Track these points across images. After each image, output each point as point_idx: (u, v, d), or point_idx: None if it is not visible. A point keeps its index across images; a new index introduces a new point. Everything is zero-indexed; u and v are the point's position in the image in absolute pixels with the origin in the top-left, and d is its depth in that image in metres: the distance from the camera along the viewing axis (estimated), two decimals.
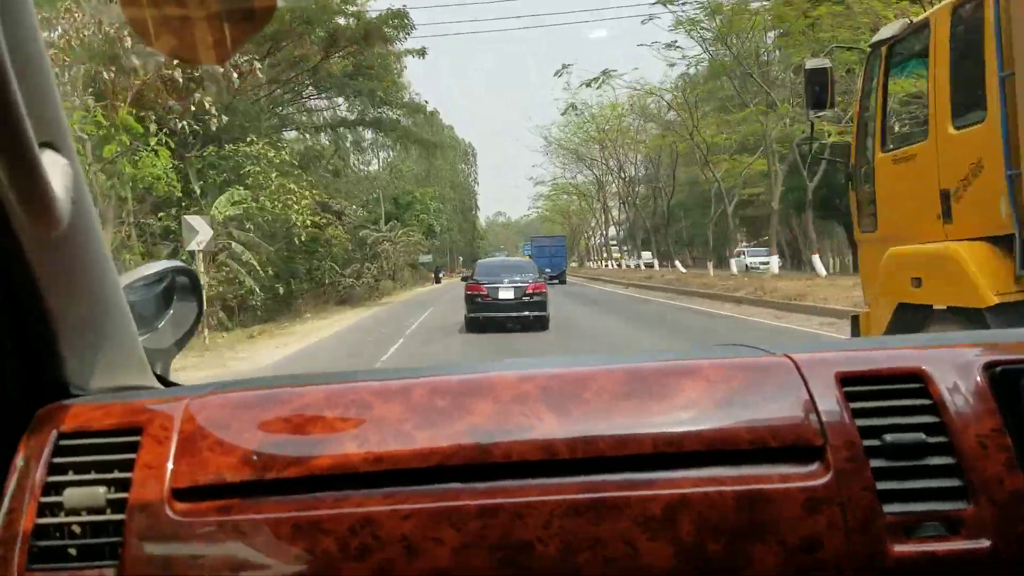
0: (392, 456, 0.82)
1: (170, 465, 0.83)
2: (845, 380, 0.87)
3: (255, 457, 0.83)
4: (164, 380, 1.21)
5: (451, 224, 72.68)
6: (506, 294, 14.45)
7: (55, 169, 0.75)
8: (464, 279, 16.45)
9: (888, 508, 0.80)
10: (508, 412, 0.85)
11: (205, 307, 2.80)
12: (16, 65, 0.62)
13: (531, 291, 14.42)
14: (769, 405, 0.85)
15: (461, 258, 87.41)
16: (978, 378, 0.86)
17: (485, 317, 14.45)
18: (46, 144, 0.76)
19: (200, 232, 13.79)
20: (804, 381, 0.87)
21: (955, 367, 0.87)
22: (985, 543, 0.79)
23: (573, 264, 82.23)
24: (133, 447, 0.85)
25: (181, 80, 13.40)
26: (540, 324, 14.44)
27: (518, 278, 14.74)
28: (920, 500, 0.81)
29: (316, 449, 0.83)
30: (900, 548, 0.79)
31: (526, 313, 14.34)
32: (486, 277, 14.94)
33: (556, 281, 41.18)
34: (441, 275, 56.20)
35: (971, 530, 0.79)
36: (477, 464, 0.82)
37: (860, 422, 0.84)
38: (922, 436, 0.83)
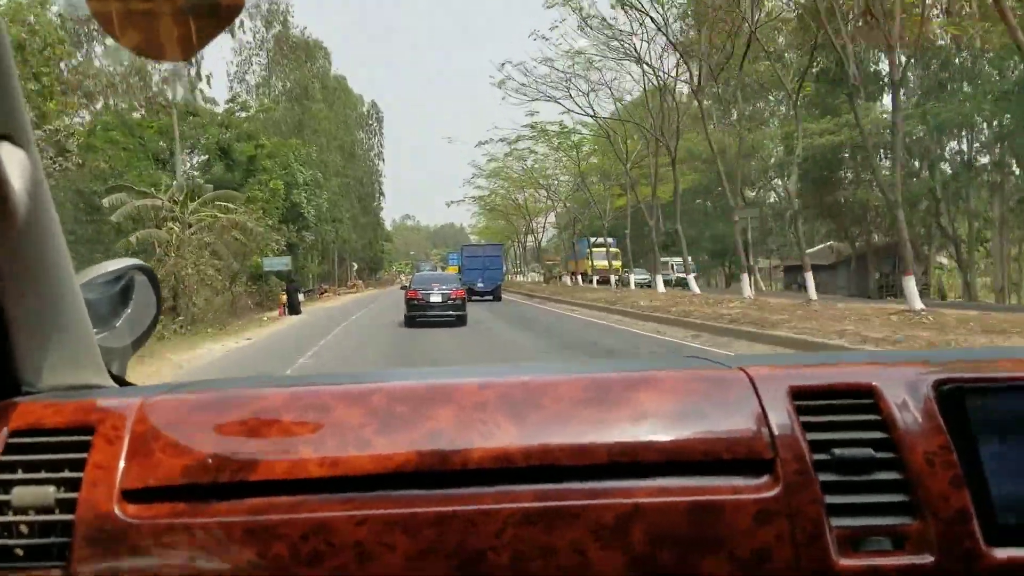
0: (349, 461, 0.81)
1: (121, 466, 0.82)
2: (797, 394, 0.88)
3: (209, 460, 0.82)
4: (120, 380, 1.19)
5: (339, 213, 48.13)
6: (436, 298, 20.39)
7: (12, 162, 0.75)
8: (403, 288, 24.39)
9: (836, 522, 0.81)
10: (468, 419, 0.85)
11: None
12: None
13: (454, 296, 20.54)
14: (723, 417, 0.86)
15: (356, 265, 63.56)
16: (927, 396, 0.87)
17: (420, 315, 20.23)
18: (3, 137, 0.76)
19: None
20: (757, 394, 0.87)
21: (905, 384, 0.88)
22: (929, 559, 0.80)
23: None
24: (84, 447, 0.84)
25: None
26: (460, 321, 20.23)
27: (445, 287, 20.89)
28: (867, 514, 0.82)
29: (272, 453, 0.82)
30: (846, 562, 0.80)
31: (450, 313, 20.26)
32: (421, 286, 21.02)
33: (490, 298, 35.99)
34: (302, 297, 30.49)
35: (916, 545, 0.81)
36: (434, 471, 0.82)
37: (811, 436, 0.85)
38: (871, 451, 0.84)
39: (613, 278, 39.96)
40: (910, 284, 15.37)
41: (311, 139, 45.17)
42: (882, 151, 33.27)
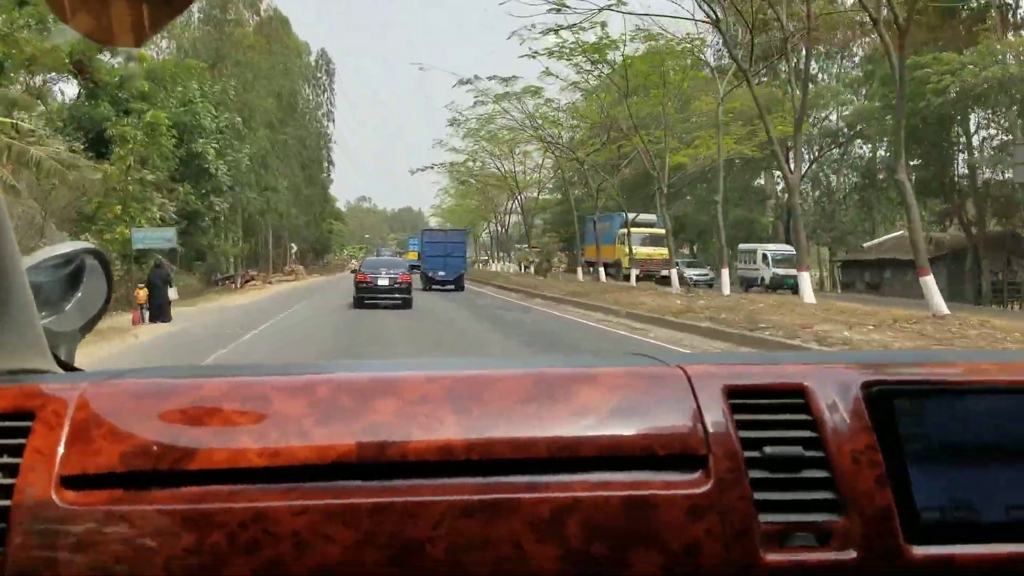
0: (290, 452, 0.82)
1: (61, 452, 0.82)
2: (732, 393, 0.90)
3: (149, 447, 0.82)
4: (67, 365, 1.18)
5: (272, 179, 37.01)
6: (383, 282, 22.20)
7: None
8: (353, 271, 28.55)
9: (764, 518, 0.83)
10: (411, 412, 0.85)
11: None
12: None
13: (400, 281, 22.28)
14: (660, 413, 0.88)
15: (295, 247, 52.65)
16: (856, 396, 0.90)
17: (368, 297, 21.87)
18: None
19: None
20: (694, 392, 0.89)
21: (835, 385, 0.91)
22: (852, 554, 0.83)
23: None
24: (24, 432, 0.83)
25: None
26: (405, 304, 21.97)
27: (392, 272, 22.60)
28: (794, 511, 0.84)
29: (212, 442, 0.82)
30: (772, 557, 0.82)
31: (396, 295, 22.09)
32: (370, 270, 22.84)
33: (451, 287, 33.11)
34: (173, 293, 18.14)
35: (840, 541, 0.83)
36: (375, 463, 0.82)
37: (743, 434, 0.87)
38: (800, 450, 0.86)
39: (673, 273, 27.64)
40: None
41: (233, 73, 34.07)
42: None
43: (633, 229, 35.03)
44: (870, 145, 34.87)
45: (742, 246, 34.40)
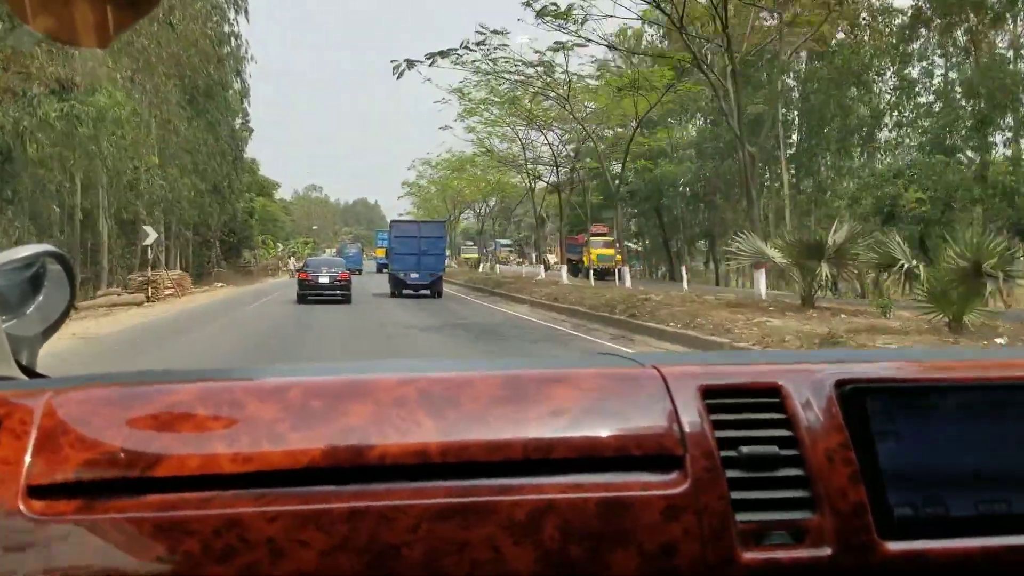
0: (263, 457, 0.81)
1: (28, 461, 0.80)
2: (707, 392, 0.90)
3: (119, 455, 0.80)
4: (29, 370, 1.16)
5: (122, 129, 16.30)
6: (324, 280, 24.00)
7: None
8: (298, 270, 28.46)
9: (740, 516, 0.84)
10: (385, 415, 0.85)
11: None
12: None
13: (340, 279, 24.22)
14: (635, 414, 0.88)
15: (149, 236, 31.15)
16: (829, 395, 0.90)
17: (310, 293, 23.73)
18: None
19: None
20: (669, 392, 0.89)
21: (809, 383, 0.92)
22: (827, 551, 0.84)
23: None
24: None
25: None
26: (345, 299, 23.89)
27: (332, 270, 24.48)
28: (770, 509, 0.85)
29: (184, 448, 0.81)
30: (749, 555, 0.82)
31: (337, 292, 23.96)
32: (311, 269, 24.76)
33: (427, 292, 28.41)
34: None
35: (814, 539, 0.84)
36: (350, 467, 0.82)
37: (719, 433, 0.87)
38: (775, 449, 0.87)
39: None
40: None
41: None
42: None
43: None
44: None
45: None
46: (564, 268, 33.39)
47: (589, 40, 24.28)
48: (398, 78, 24.47)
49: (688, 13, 20.23)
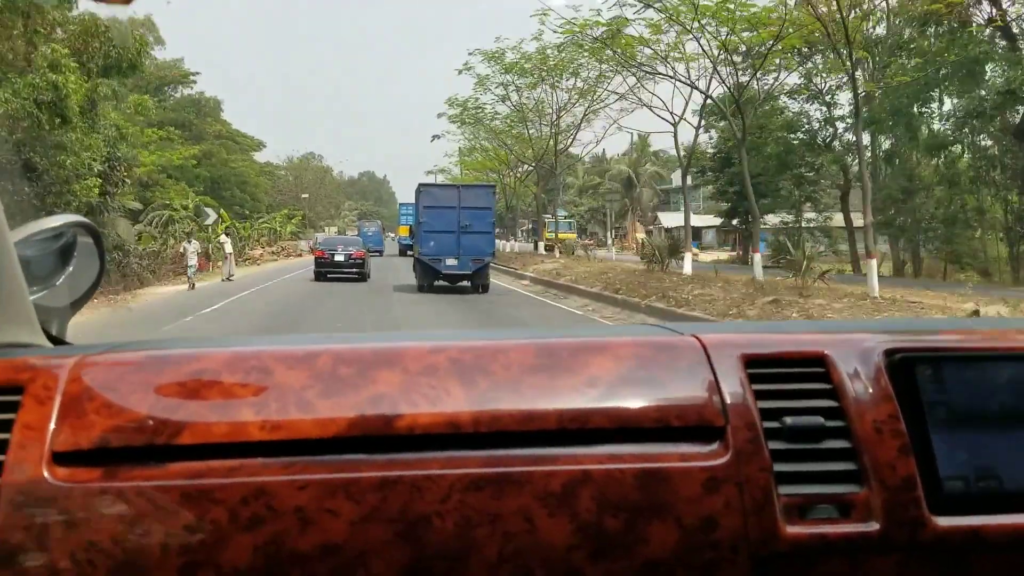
0: (291, 425, 0.79)
1: (52, 427, 0.79)
2: (750, 362, 0.87)
3: (145, 422, 0.79)
4: (58, 341, 1.16)
5: None
6: (339, 258, 24.35)
7: None
8: (315, 248, 28.14)
9: (784, 490, 0.81)
10: (415, 384, 0.83)
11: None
12: None
13: (355, 256, 24.49)
14: (674, 384, 0.85)
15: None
16: (878, 364, 0.87)
17: (327, 271, 24.21)
18: None
19: None
20: (710, 362, 0.87)
21: (856, 353, 0.88)
22: (874, 526, 0.81)
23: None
24: (13, 407, 0.80)
25: None
26: (361, 277, 24.31)
27: (348, 248, 24.88)
28: (815, 482, 0.82)
29: (211, 415, 0.80)
30: (793, 529, 0.80)
31: (353, 270, 24.28)
32: (327, 247, 25.31)
33: (466, 284, 20.31)
34: None
35: (862, 513, 0.81)
36: (379, 436, 0.80)
37: (762, 404, 0.84)
38: (820, 420, 0.84)
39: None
40: None
41: None
42: None
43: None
44: None
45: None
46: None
47: None
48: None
49: None
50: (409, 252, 39.13)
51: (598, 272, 22.45)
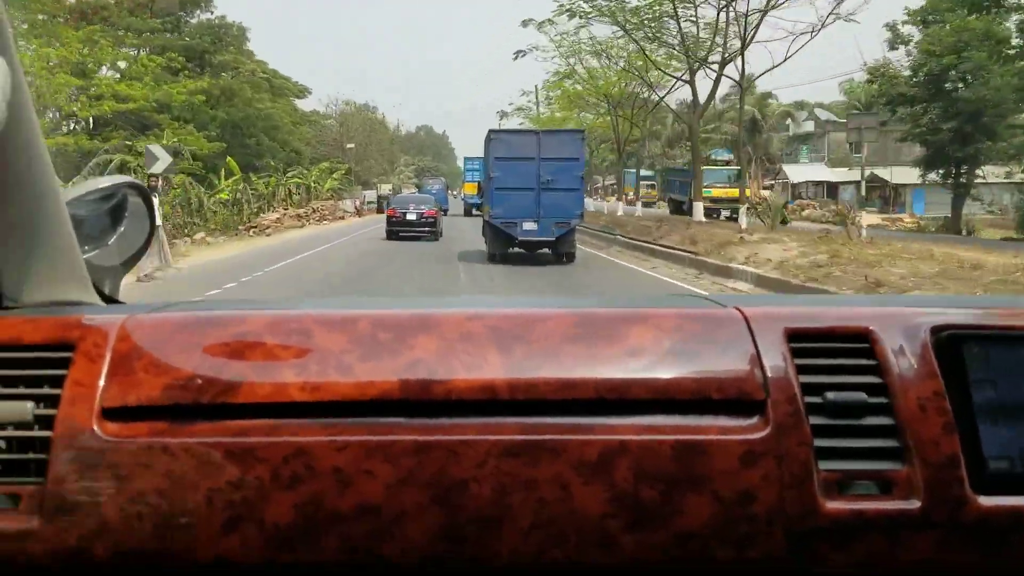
0: (331, 387, 0.81)
1: (101, 384, 0.81)
2: (793, 336, 0.86)
3: (191, 380, 0.81)
4: (110, 299, 1.18)
5: None
6: (411, 216, 24.21)
7: None
8: (387, 207, 27.46)
9: (823, 465, 0.80)
10: (453, 350, 0.83)
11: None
12: None
13: (427, 215, 24.31)
14: (715, 357, 0.84)
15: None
16: (924, 341, 0.86)
17: (400, 229, 24.11)
18: None
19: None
20: (752, 334, 0.86)
21: (902, 329, 0.87)
22: (916, 504, 0.80)
23: None
24: (64, 363, 0.83)
25: None
26: (433, 236, 23.99)
27: (420, 207, 24.61)
28: (856, 459, 0.81)
29: (254, 376, 0.81)
30: (832, 505, 0.79)
31: (425, 228, 24.04)
32: (399, 205, 25.15)
33: (546, 251, 16.77)
34: None
35: (903, 490, 0.80)
36: (417, 400, 0.81)
37: (804, 378, 0.84)
38: (863, 396, 0.83)
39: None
40: None
41: None
42: None
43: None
44: None
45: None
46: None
47: None
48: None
49: None
50: (476, 211, 34.61)
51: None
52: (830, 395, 0.82)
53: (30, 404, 0.80)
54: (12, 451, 0.79)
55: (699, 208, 25.00)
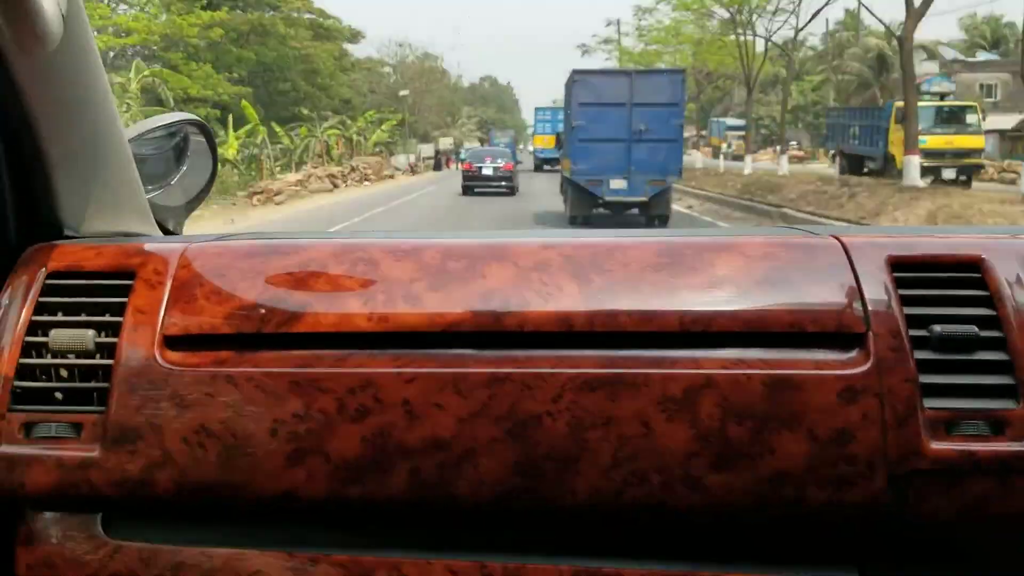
0: (398, 317, 0.78)
1: (163, 311, 0.79)
2: (896, 265, 0.80)
3: (253, 309, 0.79)
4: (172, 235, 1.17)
5: None
6: (487, 171, 23.61)
7: None
8: (460, 160, 29.08)
9: (929, 403, 0.75)
10: (526, 279, 0.79)
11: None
12: None
13: (504, 169, 23.60)
14: (810, 287, 0.79)
15: None
16: None
17: (475, 184, 23.69)
18: None
19: None
20: (851, 264, 0.80)
21: (1018, 257, 0.80)
22: None
23: None
24: (125, 291, 0.81)
25: None
26: (510, 191, 23.37)
27: (496, 161, 23.81)
28: (966, 397, 0.75)
29: (318, 305, 0.79)
30: (938, 445, 0.74)
31: (502, 183, 23.43)
32: (474, 160, 24.33)
33: (635, 212, 14.25)
34: None
35: (1017, 431, 0.74)
36: (489, 332, 0.77)
37: (908, 310, 0.77)
38: (974, 329, 0.76)
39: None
40: None
41: None
42: None
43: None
44: None
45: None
46: None
47: None
48: None
49: None
50: (547, 167, 32.59)
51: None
52: (937, 328, 0.76)
53: (91, 332, 0.78)
54: (74, 379, 0.78)
55: (914, 166, 16.27)
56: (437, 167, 42.08)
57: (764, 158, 40.19)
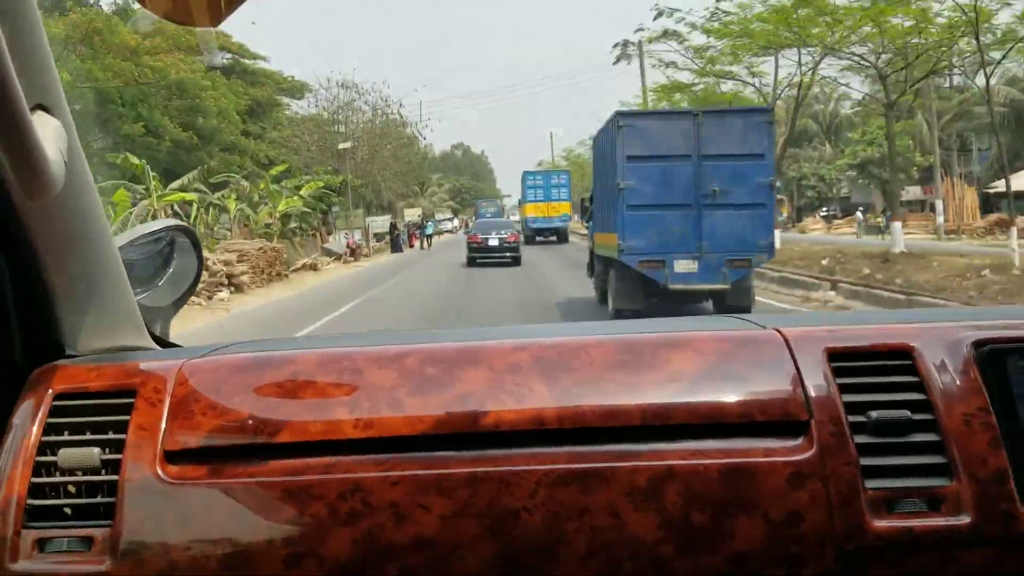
0: (383, 423, 0.83)
1: (163, 427, 0.84)
2: (833, 355, 0.87)
3: (247, 421, 0.84)
4: (162, 340, 1.22)
5: None
6: (493, 243, 23.74)
7: (47, 131, 0.76)
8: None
9: (871, 484, 0.81)
10: (501, 381, 0.85)
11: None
12: (7, 26, 0.63)
13: (509, 240, 23.80)
14: (757, 379, 0.85)
15: None
16: (966, 356, 0.86)
17: (480, 256, 23.56)
18: (38, 106, 0.78)
19: None
20: (792, 355, 0.87)
21: (943, 344, 0.87)
22: (965, 519, 0.80)
23: None
24: (127, 409, 0.86)
25: None
26: (514, 261, 23.34)
27: (501, 233, 24.00)
28: (903, 476, 0.82)
29: (308, 414, 0.84)
30: (881, 523, 0.80)
31: (507, 254, 23.53)
32: (480, 232, 24.56)
33: (706, 304, 10.72)
34: None
35: (952, 507, 0.81)
36: (467, 433, 0.83)
37: (846, 398, 0.84)
38: (907, 413, 0.83)
39: None
40: None
41: None
42: None
43: None
44: None
45: None
46: None
47: None
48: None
49: None
50: (540, 238, 33.19)
51: None
52: (874, 413, 0.82)
53: (96, 450, 0.83)
54: (82, 495, 0.83)
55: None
56: (396, 248, 30.00)
57: (815, 228, 30.28)
